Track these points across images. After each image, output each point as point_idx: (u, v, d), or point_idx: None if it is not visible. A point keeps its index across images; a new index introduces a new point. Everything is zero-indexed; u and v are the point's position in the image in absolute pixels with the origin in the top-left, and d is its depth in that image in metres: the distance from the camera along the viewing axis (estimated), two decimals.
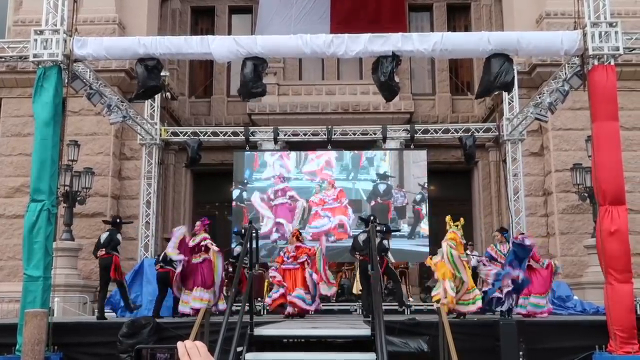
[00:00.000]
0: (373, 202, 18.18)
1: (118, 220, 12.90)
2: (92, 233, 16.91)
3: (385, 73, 10.64)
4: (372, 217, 12.51)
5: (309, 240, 16.08)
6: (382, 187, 18.31)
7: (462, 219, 11.45)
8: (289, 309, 11.75)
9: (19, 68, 16.68)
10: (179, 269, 11.40)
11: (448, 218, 11.50)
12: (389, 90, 11.07)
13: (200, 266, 11.46)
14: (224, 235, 19.43)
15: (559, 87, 12.65)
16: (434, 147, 18.94)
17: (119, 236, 12.43)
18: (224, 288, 14.09)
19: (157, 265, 12.38)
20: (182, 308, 11.39)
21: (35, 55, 10.74)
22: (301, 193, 18.26)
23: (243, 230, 13.41)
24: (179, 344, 1.67)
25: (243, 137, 17.67)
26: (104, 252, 12.08)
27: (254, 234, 8.89)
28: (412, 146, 18.03)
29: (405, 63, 19.84)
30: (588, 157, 15.02)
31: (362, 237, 12.40)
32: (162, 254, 12.41)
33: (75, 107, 15.74)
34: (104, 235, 12.40)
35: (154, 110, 17.36)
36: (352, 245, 12.84)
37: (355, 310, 14.98)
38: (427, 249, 17.72)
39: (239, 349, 6.69)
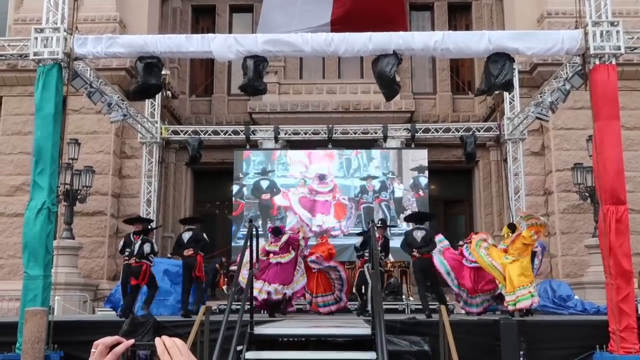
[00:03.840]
0: (362, 204, 18.20)
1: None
2: (93, 231, 16.93)
3: (386, 72, 10.63)
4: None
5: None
6: (369, 193, 18.28)
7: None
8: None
9: (19, 66, 16.67)
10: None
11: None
12: (389, 89, 11.05)
13: None
14: (224, 235, 19.45)
15: (560, 86, 12.62)
16: (435, 147, 18.92)
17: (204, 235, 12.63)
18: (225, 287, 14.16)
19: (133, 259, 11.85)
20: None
21: (35, 54, 10.73)
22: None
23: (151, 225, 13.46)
24: (157, 341, 1.61)
25: (244, 136, 17.64)
26: (191, 252, 12.02)
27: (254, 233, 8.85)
28: (412, 145, 18.00)
29: (406, 62, 19.82)
30: (589, 156, 15.01)
31: (419, 234, 12.02)
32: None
33: (75, 105, 15.74)
34: (187, 235, 12.37)
35: (154, 108, 17.34)
36: (407, 241, 12.18)
37: (356, 309, 14.96)
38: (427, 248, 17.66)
39: (239, 348, 6.68)
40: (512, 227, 12.36)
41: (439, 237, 12.41)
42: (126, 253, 12.09)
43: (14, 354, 9.64)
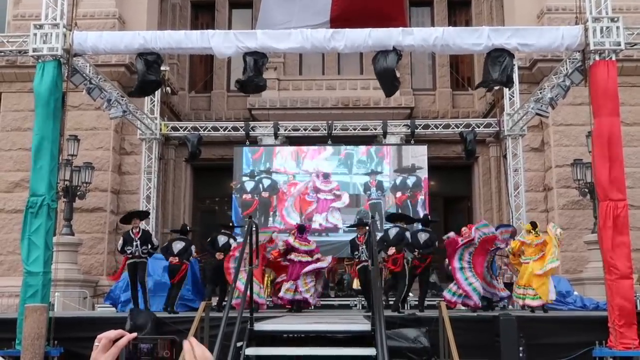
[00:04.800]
0: (367, 199, 18.22)
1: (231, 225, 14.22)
2: (92, 228, 16.93)
3: (386, 68, 10.61)
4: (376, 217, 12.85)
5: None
6: (373, 189, 18.28)
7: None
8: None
9: (18, 62, 16.65)
10: None
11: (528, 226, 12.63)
12: (389, 85, 11.04)
13: None
14: None
15: (560, 82, 12.62)
16: (435, 143, 18.91)
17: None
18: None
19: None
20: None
21: (34, 50, 10.71)
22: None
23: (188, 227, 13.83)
24: (186, 347, 1.62)
25: (243, 132, 17.64)
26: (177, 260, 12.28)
27: (253, 229, 8.84)
28: (412, 141, 18.00)
29: (406, 58, 19.79)
30: (589, 152, 15.00)
31: (423, 236, 12.34)
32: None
33: (75, 101, 15.71)
34: (222, 239, 12.80)
35: (154, 105, 17.32)
36: (411, 241, 12.47)
37: (355, 305, 14.99)
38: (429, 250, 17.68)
39: (239, 344, 6.68)
40: (534, 225, 12.55)
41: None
42: (128, 251, 12.11)
43: (14, 350, 9.65)
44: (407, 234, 12.36)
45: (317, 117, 18.41)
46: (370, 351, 6.46)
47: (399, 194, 18.14)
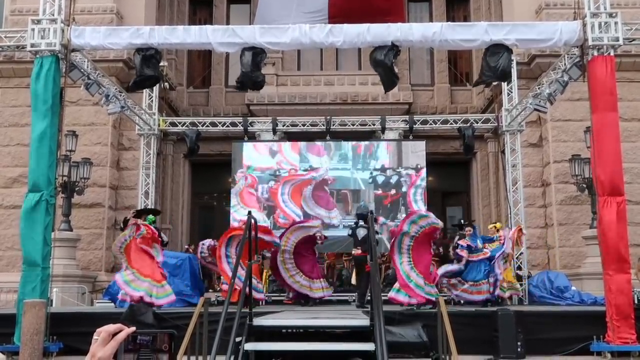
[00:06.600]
0: (374, 194, 18.22)
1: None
2: (90, 223, 16.92)
3: (384, 63, 10.61)
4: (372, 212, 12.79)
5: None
6: (380, 179, 18.28)
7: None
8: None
9: (16, 58, 16.60)
10: None
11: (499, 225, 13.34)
12: (388, 80, 11.04)
13: None
14: (222, 227, 19.45)
15: (558, 77, 12.62)
16: (433, 138, 18.90)
17: None
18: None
19: None
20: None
21: (32, 45, 10.69)
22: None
23: None
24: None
25: (242, 128, 17.61)
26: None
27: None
28: (410, 137, 17.99)
29: (404, 53, 19.78)
30: (587, 148, 15.03)
31: (362, 233, 12.72)
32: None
33: (73, 97, 15.68)
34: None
35: (152, 100, 17.30)
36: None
37: (354, 300, 15.00)
38: None
39: (238, 339, 6.69)
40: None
41: None
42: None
43: (13, 345, 9.67)
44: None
45: (316, 113, 18.40)
46: (369, 346, 6.48)
47: (397, 190, 18.15)
